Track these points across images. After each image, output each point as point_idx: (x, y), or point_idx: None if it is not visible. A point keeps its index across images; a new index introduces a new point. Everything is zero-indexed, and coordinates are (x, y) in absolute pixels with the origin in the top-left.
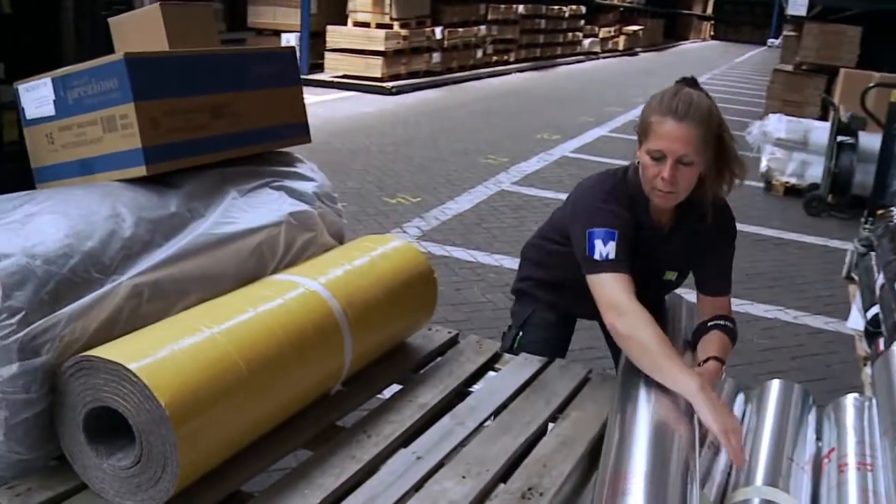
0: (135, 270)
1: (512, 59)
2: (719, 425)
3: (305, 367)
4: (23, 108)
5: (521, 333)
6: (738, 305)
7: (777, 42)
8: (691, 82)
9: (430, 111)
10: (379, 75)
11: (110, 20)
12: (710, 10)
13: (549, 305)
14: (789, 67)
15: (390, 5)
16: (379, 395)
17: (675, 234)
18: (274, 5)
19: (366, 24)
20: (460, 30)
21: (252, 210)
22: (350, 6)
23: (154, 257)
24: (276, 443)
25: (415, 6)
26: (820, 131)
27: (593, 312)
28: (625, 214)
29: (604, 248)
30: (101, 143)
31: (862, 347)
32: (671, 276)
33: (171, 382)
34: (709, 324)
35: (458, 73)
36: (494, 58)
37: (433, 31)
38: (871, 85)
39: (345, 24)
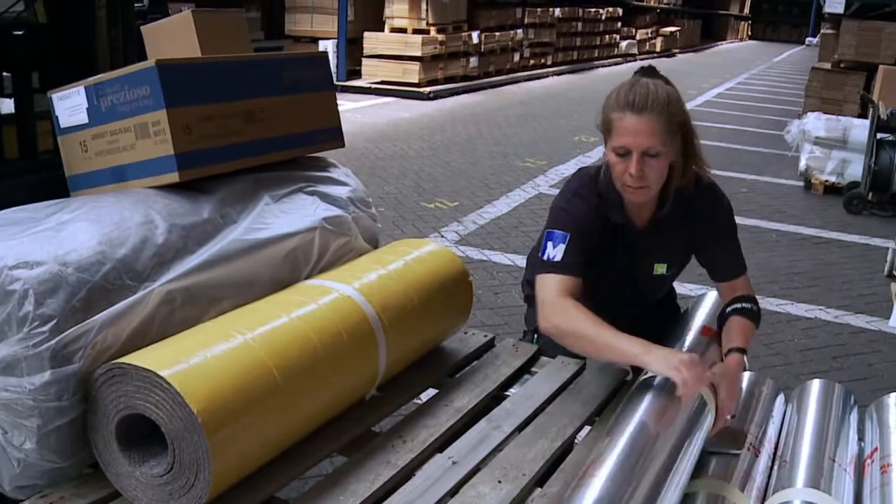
0: (167, 277)
1: (549, 63)
2: (668, 366)
3: (340, 372)
4: (56, 117)
5: (536, 337)
6: (777, 305)
7: (815, 41)
8: (648, 71)
9: (467, 115)
10: (416, 81)
11: (143, 28)
12: (747, 10)
13: None
14: (828, 65)
15: (427, 11)
16: (415, 400)
17: (659, 226)
18: (311, 13)
19: (403, 30)
20: (497, 34)
21: (285, 215)
22: (387, 12)
23: (187, 263)
24: (311, 449)
25: (451, 11)
26: (859, 129)
27: (600, 311)
28: (586, 216)
29: (552, 251)
30: (133, 150)
31: None
32: (661, 268)
33: (204, 389)
34: (727, 309)
35: (496, 77)
36: (531, 61)
37: (470, 36)
38: None
39: (382, 30)
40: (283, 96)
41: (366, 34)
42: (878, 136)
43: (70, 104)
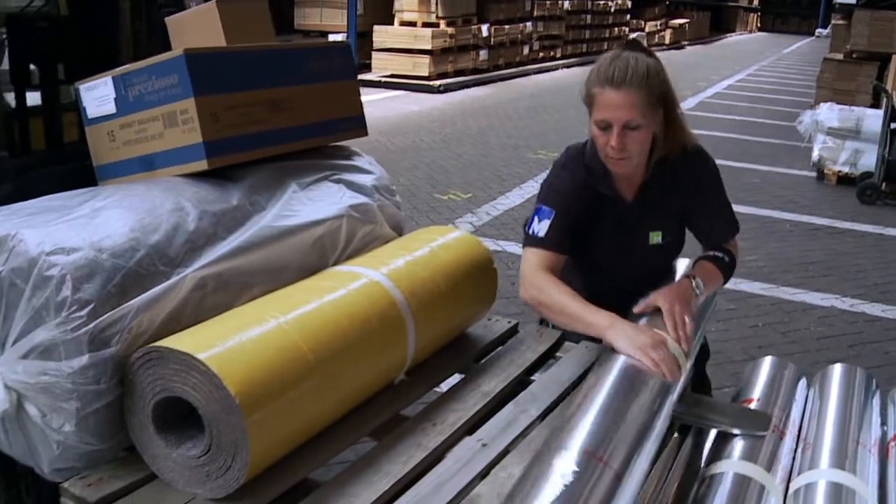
0: (199, 263)
1: (558, 55)
2: (634, 347)
3: (370, 356)
4: (84, 108)
5: (552, 325)
6: (792, 294)
7: (825, 32)
8: (631, 44)
9: (477, 108)
10: (426, 74)
11: (167, 19)
12: (756, 2)
13: None
14: (840, 56)
15: (436, 4)
16: (438, 387)
17: (648, 195)
18: (320, 7)
19: (412, 24)
20: (506, 27)
21: (313, 203)
22: (396, 6)
23: (218, 250)
24: (342, 432)
25: (461, 4)
26: (872, 119)
27: (604, 287)
28: (572, 191)
29: (537, 226)
30: (161, 138)
31: None
32: (656, 237)
33: (241, 372)
34: (700, 257)
35: (505, 70)
36: (541, 54)
37: (479, 29)
38: None
39: (391, 23)
40: (306, 85)
41: (375, 28)
42: (893, 125)
43: (97, 95)
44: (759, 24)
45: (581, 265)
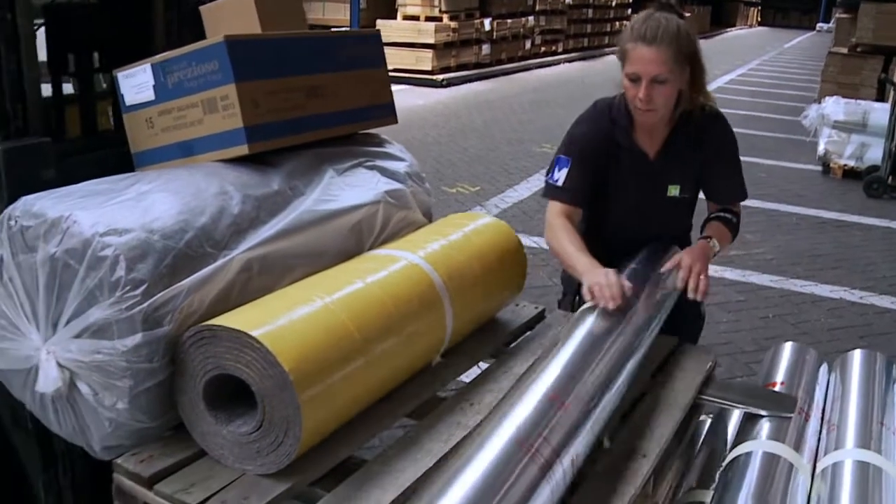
0: (245, 246)
1: (560, 50)
2: (590, 282)
3: (412, 337)
4: (122, 95)
5: (577, 298)
6: (802, 286)
7: (826, 27)
8: (663, 5)
9: (481, 102)
10: (429, 68)
11: (202, 8)
12: None
13: None
14: (844, 50)
15: None
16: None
17: (671, 150)
18: (323, 1)
19: (415, 18)
20: (509, 21)
21: (350, 188)
22: (399, 0)
23: (261, 233)
24: (383, 412)
25: None
26: (879, 113)
27: (626, 238)
28: (590, 141)
29: (557, 174)
30: (201, 124)
31: None
32: (674, 190)
33: (293, 349)
34: (710, 216)
35: (507, 64)
36: (543, 48)
37: (482, 23)
38: None
39: (394, 17)
40: (340, 72)
41: (378, 22)
42: None
43: (136, 82)
44: (759, 19)
45: (601, 213)
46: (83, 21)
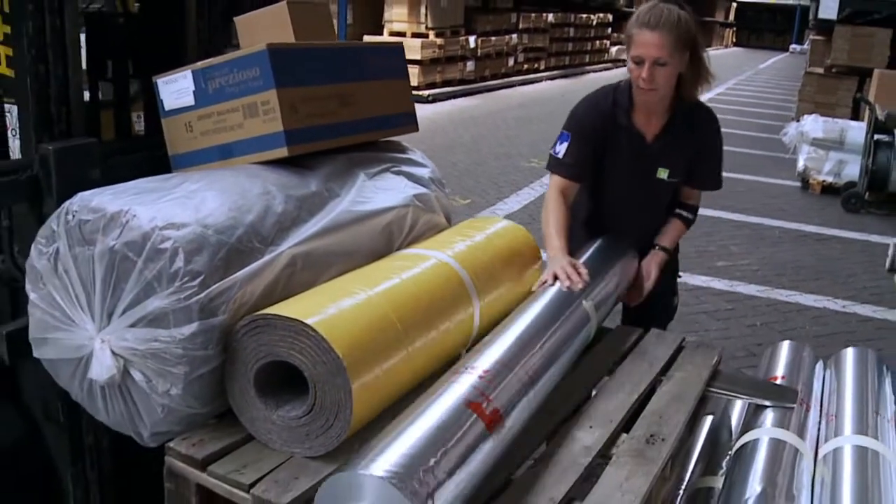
0: (289, 242)
1: (542, 67)
2: (553, 266)
3: (445, 330)
4: (161, 100)
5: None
6: (787, 296)
7: (799, 48)
8: None
9: (466, 118)
10: (415, 84)
11: (237, 18)
12: (732, 17)
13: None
14: (820, 70)
15: (426, 15)
16: None
17: (664, 136)
18: None
19: (401, 34)
20: (493, 38)
21: (381, 192)
22: (386, 16)
23: (304, 231)
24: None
25: (449, 15)
26: (855, 131)
27: (619, 209)
28: (590, 118)
29: (559, 147)
30: (241, 128)
31: None
32: (663, 173)
33: (345, 336)
34: (676, 209)
35: (491, 80)
36: (525, 66)
37: (467, 41)
38: None
39: (381, 33)
40: (368, 82)
41: (365, 37)
42: (875, 136)
43: (176, 88)
44: (734, 39)
45: (596, 188)
46: (121, 29)
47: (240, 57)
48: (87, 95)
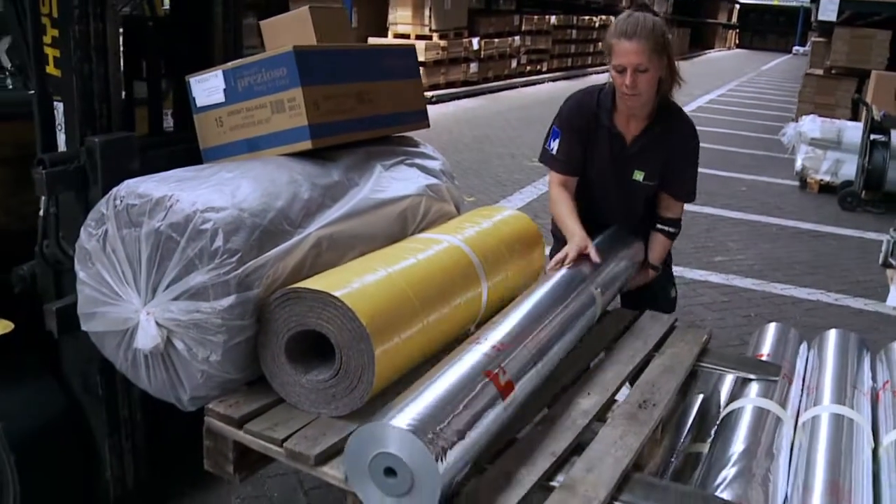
0: (315, 226)
1: (545, 69)
2: (569, 246)
3: (456, 305)
4: (193, 98)
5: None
6: (782, 289)
7: (802, 50)
8: (640, 6)
9: (470, 119)
10: None
11: (262, 22)
12: (735, 19)
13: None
14: (820, 71)
15: (429, 17)
16: None
17: (642, 139)
18: None
19: (406, 36)
20: (496, 41)
21: (397, 182)
22: (390, 18)
23: (328, 216)
24: (425, 372)
25: (452, 18)
26: (852, 131)
27: (599, 208)
28: (576, 115)
29: (552, 143)
30: (268, 123)
31: None
32: (639, 175)
33: (368, 307)
34: (658, 224)
35: (494, 82)
36: (528, 67)
37: (470, 42)
38: None
39: (385, 35)
40: (383, 81)
41: (369, 39)
42: (872, 136)
43: (207, 86)
44: (737, 41)
45: (581, 185)
46: (154, 32)
47: (268, 57)
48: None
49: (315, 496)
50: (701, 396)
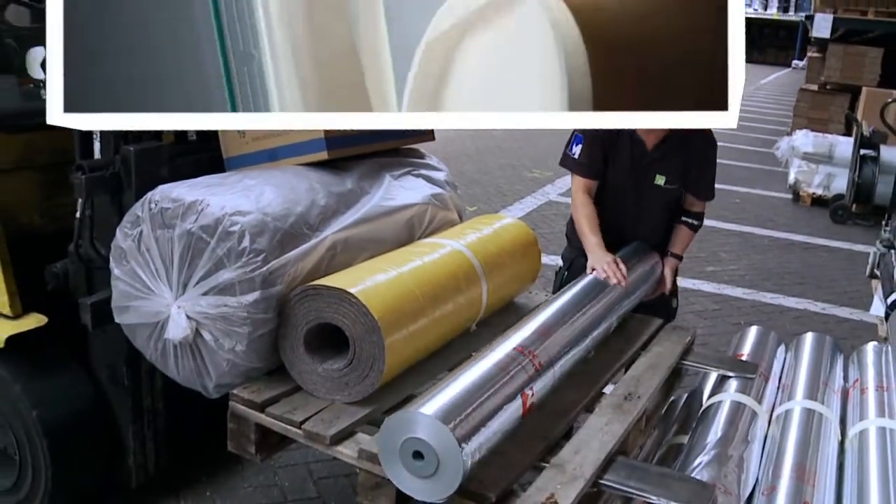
0: (331, 230)
1: None
2: (595, 262)
3: (457, 306)
4: None
5: (567, 273)
6: (771, 298)
7: (801, 64)
8: None
9: (472, 131)
10: None
11: None
12: None
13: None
14: (814, 87)
15: None
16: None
17: (663, 146)
18: None
19: None
20: None
21: (405, 191)
22: None
23: (342, 221)
24: (431, 366)
25: None
26: (844, 146)
27: (619, 216)
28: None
29: (575, 148)
30: (287, 135)
31: (883, 329)
32: (660, 180)
33: (380, 303)
34: (683, 216)
35: None
36: None
37: None
38: (890, 100)
39: None
40: None
41: None
42: (862, 151)
43: None
44: None
45: (600, 194)
46: None
47: None
48: None
49: (324, 485)
50: (686, 394)
